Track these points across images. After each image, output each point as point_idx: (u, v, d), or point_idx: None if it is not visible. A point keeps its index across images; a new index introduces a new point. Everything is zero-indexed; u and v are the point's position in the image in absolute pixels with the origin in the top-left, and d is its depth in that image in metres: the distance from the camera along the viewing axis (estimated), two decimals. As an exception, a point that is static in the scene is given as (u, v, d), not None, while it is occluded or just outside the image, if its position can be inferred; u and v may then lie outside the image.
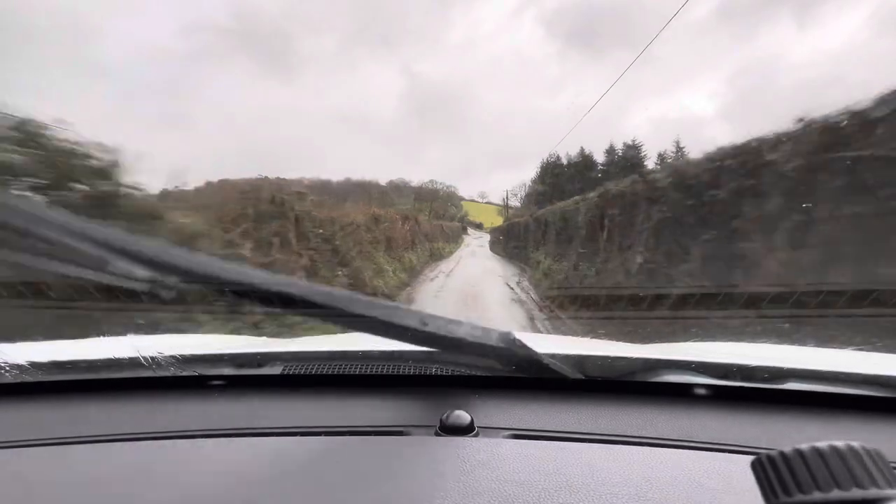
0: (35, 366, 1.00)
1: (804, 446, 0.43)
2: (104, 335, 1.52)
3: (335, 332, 1.52)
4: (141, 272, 0.78)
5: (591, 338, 3.01)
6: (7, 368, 0.99)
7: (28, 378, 1.00)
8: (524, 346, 0.91)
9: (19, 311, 3.09)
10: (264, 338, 2.36)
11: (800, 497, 0.42)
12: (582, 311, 8.05)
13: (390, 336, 0.88)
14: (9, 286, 3.15)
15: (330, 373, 1.06)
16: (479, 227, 63.58)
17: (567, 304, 9.06)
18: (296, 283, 0.85)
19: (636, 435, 0.87)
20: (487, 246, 37.37)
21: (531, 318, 8.84)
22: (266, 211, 7.49)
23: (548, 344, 1.07)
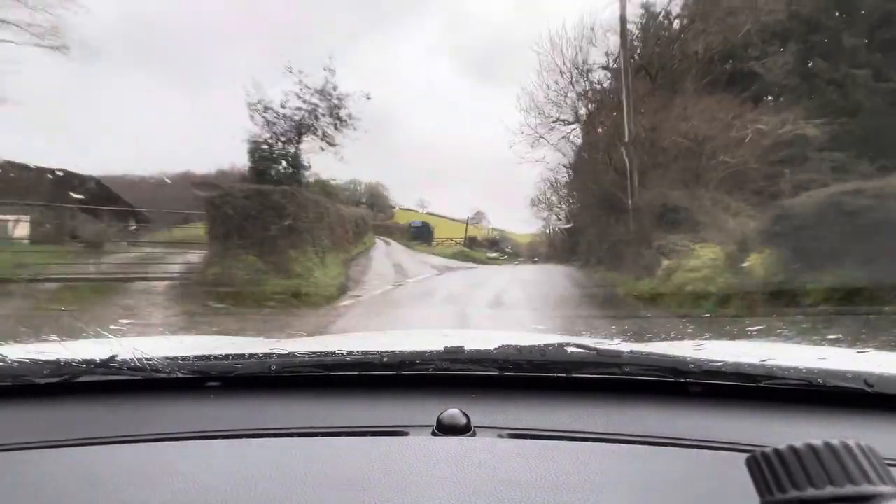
0: (33, 367, 0.99)
1: (799, 443, 0.44)
2: (99, 336, 1.52)
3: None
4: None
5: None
6: (7, 370, 0.99)
7: (25, 380, 0.99)
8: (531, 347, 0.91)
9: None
10: (261, 339, 2.36)
11: (794, 493, 0.42)
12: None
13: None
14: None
15: (326, 374, 1.06)
16: (424, 232, 34.73)
17: None
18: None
19: (632, 433, 0.87)
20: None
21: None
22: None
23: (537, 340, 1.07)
